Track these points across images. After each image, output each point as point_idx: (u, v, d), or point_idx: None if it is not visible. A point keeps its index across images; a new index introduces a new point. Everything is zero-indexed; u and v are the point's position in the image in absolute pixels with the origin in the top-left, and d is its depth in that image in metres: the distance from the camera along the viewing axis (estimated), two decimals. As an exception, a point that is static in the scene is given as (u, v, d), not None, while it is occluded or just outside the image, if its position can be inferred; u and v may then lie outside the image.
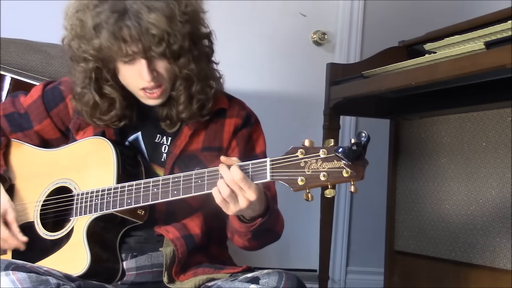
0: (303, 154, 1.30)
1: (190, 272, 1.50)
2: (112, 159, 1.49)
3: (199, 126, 1.57)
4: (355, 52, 3.12)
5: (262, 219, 1.43)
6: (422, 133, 2.54)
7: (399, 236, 2.62)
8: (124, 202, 1.45)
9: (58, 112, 1.64)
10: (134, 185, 1.45)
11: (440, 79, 2.00)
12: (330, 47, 3.14)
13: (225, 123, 1.60)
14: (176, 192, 1.41)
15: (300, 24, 3.10)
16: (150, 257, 1.52)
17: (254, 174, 1.34)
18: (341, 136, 2.84)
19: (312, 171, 1.28)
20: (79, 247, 1.46)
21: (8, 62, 2.31)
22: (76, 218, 1.50)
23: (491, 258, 2.19)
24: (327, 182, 1.27)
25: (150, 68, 1.45)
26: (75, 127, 1.61)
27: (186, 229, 1.54)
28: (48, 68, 2.36)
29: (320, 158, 1.28)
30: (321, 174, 1.27)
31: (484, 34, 1.97)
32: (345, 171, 1.26)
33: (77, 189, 1.53)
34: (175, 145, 1.57)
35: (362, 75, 2.35)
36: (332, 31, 3.13)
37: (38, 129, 1.65)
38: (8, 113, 1.67)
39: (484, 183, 2.24)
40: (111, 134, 1.57)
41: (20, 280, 1.30)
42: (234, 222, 1.46)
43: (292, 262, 3.04)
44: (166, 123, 1.56)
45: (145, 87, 1.48)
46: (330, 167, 1.27)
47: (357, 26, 3.13)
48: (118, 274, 1.50)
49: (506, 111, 2.17)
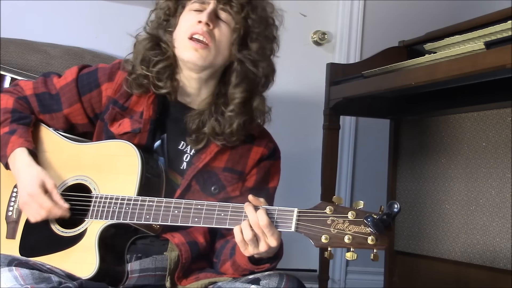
0: (331, 211, 1.29)
1: (193, 277, 1.49)
2: (137, 169, 1.47)
3: (227, 145, 1.54)
4: (355, 52, 3.12)
5: (270, 265, 1.41)
6: (422, 133, 2.54)
7: (399, 236, 2.62)
8: (142, 217, 1.43)
9: (91, 98, 1.60)
10: (155, 201, 1.43)
11: (440, 79, 2.00)
12: (330, 47, 3.14)
13: (252, 149, 1.58)
14: (197, 220, 1.39)
15: (300, 24, 3.10)
16: (154, 260, 1.51)
17: (279, 221, 1.33)
18: (341, 136, 2.83)
19: (337, 231, 1.28)
20: (89, 251, 1.45)
21: (8, 62, 2.31)
22: (91, 220, 1.48)
23: (491, 258, 2.19)
24: (351, 245, 1.27)
25: (211, 16, 1.49)
26: (110, 118, 1.57)
27: (191, 236, 1.52)
28: (48, 68, 2.36)
29: (347, 219, 1.28)
30: (346, 236, 1.27)
31: (484, 34, 1.97)
32: (370, 238, 1.26)
33: (97, 191, 1.50)
34: (199, 157, 1.54)
35: (362, 75, 2.35)
36: (332, 31, 3.13)
37: (67, 113, 1.61)
38: (40, 93, 1.63)
39: (484, 183, 2.24)
40: (145, 131, 1.55)
41: (22, 276, 1.30)
42: (241, 259, 1.42)
43: (292, 262, 3.04)
44: (192, 138, 1.54)
45: (195, 33, 1.49)
46: (356, 231, 1.27)
47: (357, 26, 3.13)
48: (124, 278, 1.49)
49: (506, 111, 2.17)
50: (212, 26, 1.49)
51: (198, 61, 1.50)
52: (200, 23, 1.49)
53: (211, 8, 1.50)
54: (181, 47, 1.52)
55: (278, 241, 1.33)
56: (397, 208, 1.24)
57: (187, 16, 1.53)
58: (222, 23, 1.51)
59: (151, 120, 1.55)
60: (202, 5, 1.52)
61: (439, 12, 3.14)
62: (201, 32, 1.48)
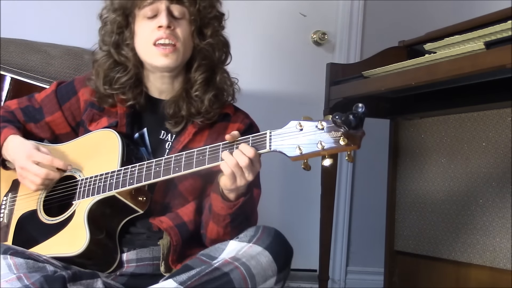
0: (301, 126, 1.33)
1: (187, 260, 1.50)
2: (118, 146, 1.52)
3: (204, 126, 1.61)
4: (355, 52, 3.12)
5: (244, 198, 1.46)
6: (422, 133, 2.54)
7: (399, 236, 2.62)
8: (126, 182, 1.47)
9: (70, 106, 1.68)
10: (137, 166, 1.48)
11: (440, 79, 1.99)
12: (330, 47, 3.14)
13: (228, 126, 1.64)
14: (178, 168, 1.43)
15: (300, 24, 3.10)
16: (151, 250, 1.54)
17: (254, 145, 1.38)
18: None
19: (308, 141, 1.31)
20: (79, 228, 1.47)
21: (8, 62, 2.31)
22: (78, 201, 1.52)
23: (491, 258, 2.19)
24: (324, 151, 1.30)
25: (169, 18, 1.53)
26: (88, 118, 1.65)
27: (179, 218, 1.56)
28: (48, 68, 2.36)
29: (318, 128, 1.31)
30: (318, 143, 1.30)
31: (484, 34, 1.97)
32: (342, 139, 1.28)
33: (81, 176, 1.55)
34: (178, 140, 1.60)
35: (362, 75, 2.35)
36: (332, 31, 3.13)
37: (49, 121, 1.69)
38: (24, 106, 1.72)
39: (484, 183, 2.24)
40: (122, 125, 1.61)
41: (16, 265, 1.32)
42: (217, 203, 1.48)
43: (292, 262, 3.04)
44: (171, 122, 1.60)
45: (159, 38, 1.53)
46: (328, 137, 1.30)
47: (357, 26, 3.13)
48: (114, 263, 1.52)
49: (506, 111, 2.17)
50: (173, 27, 1.54)
51: (171, 64, 1.56)
52: (161, 28, 1.53)
53: (165, 10, 1.54)
54: (149, 55, 1.57)
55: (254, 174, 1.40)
56: (362, 107, 1.25)
57: (144, 25, 1.57)
58: (179, 20, 1.56)
59: (126, 114, 1.62)
60: (153, 9, 1.55)
61: (439, 12, 3.14)
62: (165, 36, 1.54)
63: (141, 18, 1.57)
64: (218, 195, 1.47)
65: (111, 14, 1.59)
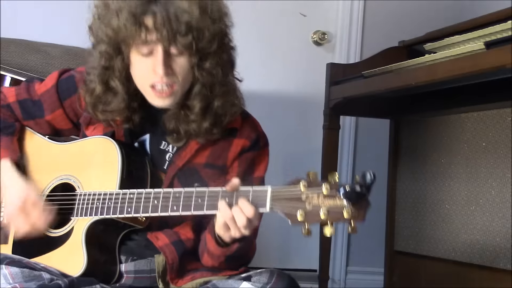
0: (305, 187, 1.24)
1: (188, 276, 1.49)
2: (117, 163, 1.47)
3: (207, 142, 1.53)
4: (355, 52, 3.12)
5: (238, 244, 1.41)
6: (422, 133, 2.54)
7: (399, 236, 2.62)
8: (124, 210, 1.42)
9: (71, 103, 1.59)
10: (135, 193, 1.43)
11: (440, 79, 2.00)
12: (330, 47, 3.14)
13: (233, 142, 1.55)
14: (176, 207, 1.38)
15: (300, 24, 3.10)
16: (149, 262, 1.51)
17: (255, 203, 1.30)
18: (341, 136, 2.83)
19: (312, 207, 1.22)
20: (77, 248, 1.45)
21: (8, 62, 2.31)
22: (76, 218, 1.49)
23: (491, 258, 2.19)
24: (327, 220, 1.21)
25: (166, 62, 1.39)
26: (85, 121, 1.57)
27: (176, 235, 1.52)
28: (48, 68, 2.37)
29: (322, 193, 1.22)
30: (322, 211, 1.21)
31: (484, 34, 1.97)
32: (346, 211, 1.20)
33: (80, 188, 1.52)
34: (179, 155, 1.53)
35: (362, 75, 2.35)
36: (332, 31, 3.13)
37: (50, 119, 1.61)
38: (22, 99, 1.62)
39: (484, 183, 2.24)
40: (120, 134, 1.54)
41: (12, 275, 1.31)
42: (210, 245, 1.44)
43: (292, 262, 3.04)
44: (172, 136, 1.52)
45: (155, 83, 1.42)
46: (332, 205, 1.21)
47: (357, 26, 3.13)
48: (115, 276, 1.49)
49: (506, 111, 2.17)
50: (170, 70, 1.41)
51: (168, 105, 1.46)
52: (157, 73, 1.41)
53: (162, 55, 1.38)
54: (145, 93, 1.46)
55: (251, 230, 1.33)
56: (370, 178, 1.16)
57: (139, 63, 1.43)
58: (177, 57, 1.41)
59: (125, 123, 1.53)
60: (149, 48, 1.40)
61: (439, 12, 3.14)
62: (161, 82, 1.41)
63: (136, 53, 1.42)
64: (213, 238, 1.42)
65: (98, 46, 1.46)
